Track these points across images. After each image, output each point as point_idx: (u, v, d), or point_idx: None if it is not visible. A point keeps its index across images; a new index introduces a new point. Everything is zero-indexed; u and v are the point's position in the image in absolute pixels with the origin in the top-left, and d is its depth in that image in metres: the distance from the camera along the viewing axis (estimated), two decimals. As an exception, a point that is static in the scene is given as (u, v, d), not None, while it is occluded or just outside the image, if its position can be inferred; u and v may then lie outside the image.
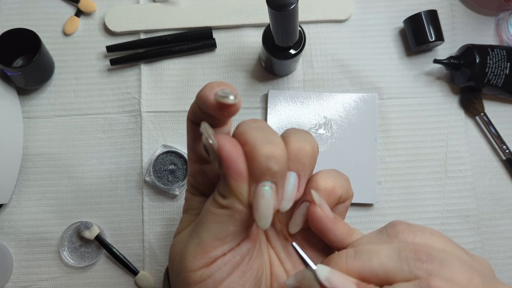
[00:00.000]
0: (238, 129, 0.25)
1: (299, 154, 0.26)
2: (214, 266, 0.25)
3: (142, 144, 0.54)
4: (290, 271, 0.28)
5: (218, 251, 0.25)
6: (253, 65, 0.55)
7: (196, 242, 0.25)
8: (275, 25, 0.41)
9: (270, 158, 0.23)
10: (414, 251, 0.21)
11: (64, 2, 0.57)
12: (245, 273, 0.26)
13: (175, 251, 0.27)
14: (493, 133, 0.53)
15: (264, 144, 0.24)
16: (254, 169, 0.23)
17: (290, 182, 0.25)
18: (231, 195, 0.24)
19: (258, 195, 0.23)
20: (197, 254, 0.25)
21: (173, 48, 0.54)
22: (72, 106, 0.55)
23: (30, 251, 0.52)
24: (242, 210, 0.24)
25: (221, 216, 0.25)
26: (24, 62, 0.54)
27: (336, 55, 0.55)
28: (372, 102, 0.53)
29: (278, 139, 0.25)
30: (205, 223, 0.25)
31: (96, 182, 0.53)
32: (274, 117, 0.53)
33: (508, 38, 0.54)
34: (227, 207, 0.24)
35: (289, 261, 0.29)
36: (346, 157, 0.51)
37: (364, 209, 0.52)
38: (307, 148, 0.26)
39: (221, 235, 0.25)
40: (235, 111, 0.25)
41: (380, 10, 0.56)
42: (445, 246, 0.22)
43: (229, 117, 0.26)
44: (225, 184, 0.24)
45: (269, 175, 0.23)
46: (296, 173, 0.26)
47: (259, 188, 0.23)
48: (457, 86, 0.54)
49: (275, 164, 0.23)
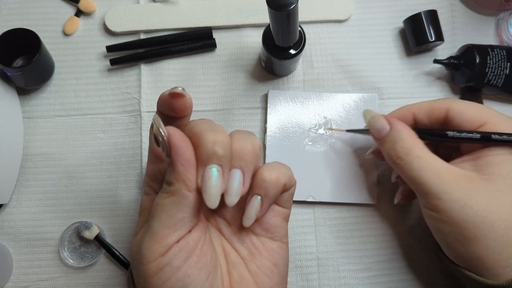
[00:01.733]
0: (187, 126, 0.28)
1: (241, 152, 0.28)
2: (170, 254, 0.26)
3: (142, 144, 0.54)
4: (245, 257, 0.30)
5: (170, 239, 0.26)
6: (253, 65, 0.55)
7: (149, 235, 0.27)
8: (275, 25, 0.41)
9: (216, 142, 0.26)
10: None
11: (64, 2, 0.57)
12: (200, 259, 0.27)
13: (133, 251, 0.29)
14: (493, 133, 0.53)
15: (210, 131, 0.26)
16: (202, 154, 0.26)
17: (236, 178, 0.27)
18: (178, 181, 0.26)
19: (206, 177, 0.26)
20: (151, 245, 0.26)
21: (173, 48, 0.55)
22: (72, 106, 0.55)
23: (30, 251, 0.52)
24: (188, 195, 0.26)
25: (169, 204, 0.26)
26: (24, 62, 0.54)
27: (336, 55, 0.55)
28: (372, 102, 0.53)
29: (221, 128, 0.28)
30: (155, 215, 0.27)
31: (96, 182, 0.53)
32: (274, 117, 0.53)
33: (508, 38, 0.54)
34: (173, 193, 0.26)
35: (244, 248, 0.31)
36: (346, 157, 0.52)
37: (364, 209, 0.52)
38: (248, 146, 0.28)
39: (170, 223, 0.26)
40: (184, 103, 0.28)
41: (380, 10, 0.56)
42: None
43: (182, 111, 0.29)
44: (173, 171, 0.26)
45: (215, 158, 0.26)
46: (240, 169, 0.28)
47: (207, 171, 0.26)
48: (457, 86, 0.54)
49: (220, 148, 0.26)
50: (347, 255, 0.51)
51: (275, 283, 0.30)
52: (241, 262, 0.30)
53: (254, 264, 0.30)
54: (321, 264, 0.51)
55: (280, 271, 0.31)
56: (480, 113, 0.36)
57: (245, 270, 0.30)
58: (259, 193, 0.29)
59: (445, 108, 0.38)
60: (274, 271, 0.30)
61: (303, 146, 0.52)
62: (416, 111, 0.40)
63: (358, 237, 0.51)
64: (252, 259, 0.30)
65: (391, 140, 0.37)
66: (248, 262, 0.30)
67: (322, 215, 0.52)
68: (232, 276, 0.29)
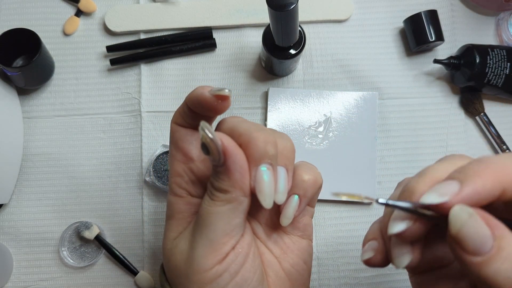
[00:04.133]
0: (225, 125, 0.28)
1: (285, 150, 0.28)
2: (228, 260, 0.26)
3: (142, 144, 0.54)
4: (279, 256, 0.30)
5: (228, 246, 0.26)
6: (253, 65, 0.55)
7: (203, 243, 0.26)
8: (275, 25, 0.41)
9: (267, 142, 0.26)
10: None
11: (64, 2, 0.57)
12: (254, 261, 0.27)
13: (178, 259, 0.28)
14: (493, 133, 0.53)
15: (259, 131, 0.26)
16: (254, 154, 0.25)
17: (281, 176, 0.27)
18: (235, 188, 0.25)
19: (259, 177, 0.25)
20: (207, 254, 0.26)
21: (173, 48, 0.54)
22: (72, 106, 0.55)
23: (30, 251, 0.52)
24: (244, 201, 0.26)
25: (226, 212, 0.26)
26: (24, 62, 0.54)
27: (336, 55, 0.55)
28: (372, 101, 0.53)
29: (266, 127, 0.27)
30: (209, 224, 0.26)
31: (96, 182, 0.53)
32: (274, 115, 0.53)
33: (508, 38, 0.54)
34: (230, 201, 0.26)
35: (277, 247, 0.31)
36: (345, 155, 0.52)
37: (364, 208, 0.52)
38: (289, 145, 0.28)
39: (228, 230, 0.26)
40: (227, 105, 0.28)
41: (380, 10, 0.56)
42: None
43: (221, 112, 0.28)
44: (228, 179, 0.25)
45: (267, 157, 0.26)
46: (284, 167, 0.28)
47: (259, 171, 0.26)
48: (457, 86, 0.54)
49: (271, 147, 0.26)
50: (347, 255, 0.51)
51: (305, 279, 0.31)
52: (275, 261, 0.30)
53: (287, 263, 0.30)
54: (321, 264, 0.51)
55: (308, 267, 0.31)
56: None
57: (279, 269, 0.30)
58: (298, 192, 0.29)
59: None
60: (304, 267, 0.31)
61: (303, 143, 0.52)
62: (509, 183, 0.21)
63: (358, 237, 0.51)
64: (285, 258, 0.30)
65: (504, 258, 0.19)
66: (281, 261, 0.30)
67: (322, 215, 0.52)
68: (269, 276, 0.29)
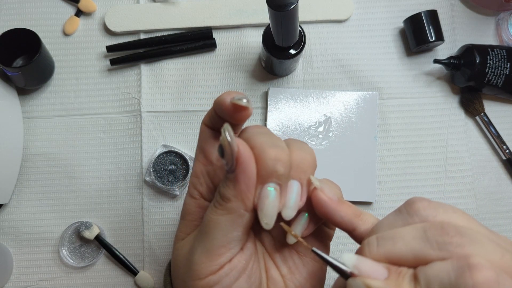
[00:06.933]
0: (245, 134, 0.26)
1: (301, 163, 0.26)
2: (221, 273, 0.25)
3: (142, 144, 0.54)
4: (286, 275, 0.29)
5: (224, 258, 0.25)
6: (253, 65, 0.55)
7: (201, 251, 0.25)
8: (275, 25, 0.41)
9: (277, 160, 0.24)
10: (440, 228, 0.20)
11: (64, 2, 0.57)
12: (250, 277, 0.26)
13: (180, 260, 0.28)
14: (493, 133, 0.53)
15: (271, 147, 0.24)
16: (262, 171, 0.24)
17: (294, 190, 0.26)
18: (237, 199, 0.24)
19: (263, 196, 0.24)
20: (203, 262, 0.25)
21: (173, 48, 0.54)
22: (72, 106, 0.55)
23: (30, 251, 0.52)
24: (244, 215, 0.25)
25: (224, 223, 0.25)
26: (24, 62, 0.54)
27: (336, 55, 0.55)
28: (372, 100, 0.53)
29: (283, 143, 0.26)
30: (208, 231, 0.25)
31: (96, 182, 0.53)
32: (274, 115, 0.53)
33: (508, 38, 0.54)
34: (230, 211, 0.25)
35: (285, 265, 0.29)
36: (345, 154, 0.52)
37: (363, 207, 0.51)
38: (308, 158, 0.26)
39: (225, 242, 0.25)
40: (246, 115, 0.26)
41: (380, 10, 0.56)
42: (468, 223, 0.21)
43: (241, 121, 0.27)
44: (233, 188, 0.24)
45: (275, 177, 0.24)
46: (299, 182, 0.26)
47: (264, 189, 0.24)
48: (457, 86, 0.54)
49: (281, 167, 0.24)
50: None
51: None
52: (280, 279, 0.28)
53: (292, 284, 0.28)
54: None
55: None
56: None
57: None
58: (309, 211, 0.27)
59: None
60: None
61: (303, 145, 0.52)
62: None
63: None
64: (291, 278, 0.28)
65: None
66: (287, 281, 0.28)
67: (322, 215, 0.52)
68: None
